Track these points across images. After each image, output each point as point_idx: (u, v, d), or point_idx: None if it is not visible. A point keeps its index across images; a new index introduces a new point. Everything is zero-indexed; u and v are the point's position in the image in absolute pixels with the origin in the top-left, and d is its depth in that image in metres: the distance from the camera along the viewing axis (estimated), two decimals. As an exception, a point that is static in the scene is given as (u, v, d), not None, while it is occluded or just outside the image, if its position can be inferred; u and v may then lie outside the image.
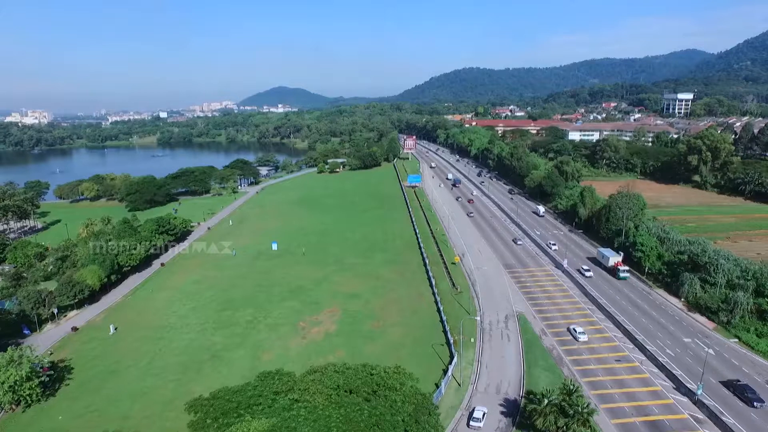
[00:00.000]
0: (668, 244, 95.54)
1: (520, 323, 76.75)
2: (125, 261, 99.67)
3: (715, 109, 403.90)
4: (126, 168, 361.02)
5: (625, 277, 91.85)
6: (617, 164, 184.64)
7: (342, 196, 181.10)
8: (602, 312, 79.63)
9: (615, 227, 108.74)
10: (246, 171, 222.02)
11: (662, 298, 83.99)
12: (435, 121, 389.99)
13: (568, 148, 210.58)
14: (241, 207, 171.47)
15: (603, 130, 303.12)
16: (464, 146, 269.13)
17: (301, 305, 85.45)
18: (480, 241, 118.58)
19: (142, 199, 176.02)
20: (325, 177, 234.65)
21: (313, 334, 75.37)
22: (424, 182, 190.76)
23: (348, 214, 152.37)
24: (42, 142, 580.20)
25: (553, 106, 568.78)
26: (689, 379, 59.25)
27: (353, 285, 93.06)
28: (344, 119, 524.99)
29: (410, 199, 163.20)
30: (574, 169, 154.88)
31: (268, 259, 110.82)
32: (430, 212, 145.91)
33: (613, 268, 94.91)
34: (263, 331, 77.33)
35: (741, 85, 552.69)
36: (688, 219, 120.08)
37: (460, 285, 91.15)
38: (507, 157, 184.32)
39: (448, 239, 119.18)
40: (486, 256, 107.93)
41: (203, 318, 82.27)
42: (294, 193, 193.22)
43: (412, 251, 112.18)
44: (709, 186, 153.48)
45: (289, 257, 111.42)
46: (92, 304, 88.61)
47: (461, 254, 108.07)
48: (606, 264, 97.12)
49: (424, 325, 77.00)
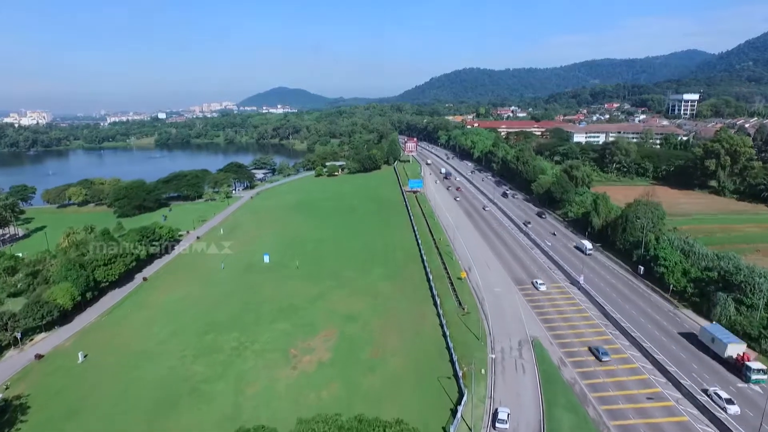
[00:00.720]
0: (693, 258, 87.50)
1: (536, 350, 68.78)
2: (103, 276, 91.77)
3: (721, 110, 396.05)
4: (123, 170, 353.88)
5: (760, 381, 59.16)
6: (628, 168, 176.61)
7: (340, 201, 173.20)
8: (626, 337, 71.63)
9: (633, 239, 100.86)
10: (241, 175, 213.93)
11: (691, 320, 76.03)
12: (436, 123, 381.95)
13: (575, 151, 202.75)
14: (234, 213, 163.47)
15: (609, 132, 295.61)
16: (467, 149, 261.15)
17: (293, 328, 77.50)
18: (487, 253, 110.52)
19: (130, 204, 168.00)
20: (323, 181, 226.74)
21: (304, 364, 67.41)
22: (426, 187, 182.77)
23: (346, 220, 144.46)
24: (38, 143, 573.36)
25: (555, 107, 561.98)
26: (738, 426, 51.16)
27: (350, 304, 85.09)
28: (344, 120, 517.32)
29: (411, 205, 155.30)
30: (584, 174, 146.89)
31: (258, 273, 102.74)
32: (432, 219, 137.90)
33: (735, 363, 62.04)
34: (249, 359, 69.39)
35: (744, 85, 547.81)
36: (708, 229, 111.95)
37: (467, 304, 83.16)
38: (512, 161, 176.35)
39: (453, 250, 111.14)
40: (494, 270, 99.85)
41: (184, 343, 74.31)
42: (290, 197, 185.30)
43: (414, 263, 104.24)
44: (728, 192, 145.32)
45: (281, 271, 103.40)
46: (63, 326, 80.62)
47: (467, 268, 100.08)
48: (720, 353, 63.82)
49: (428, 352, 69.04)
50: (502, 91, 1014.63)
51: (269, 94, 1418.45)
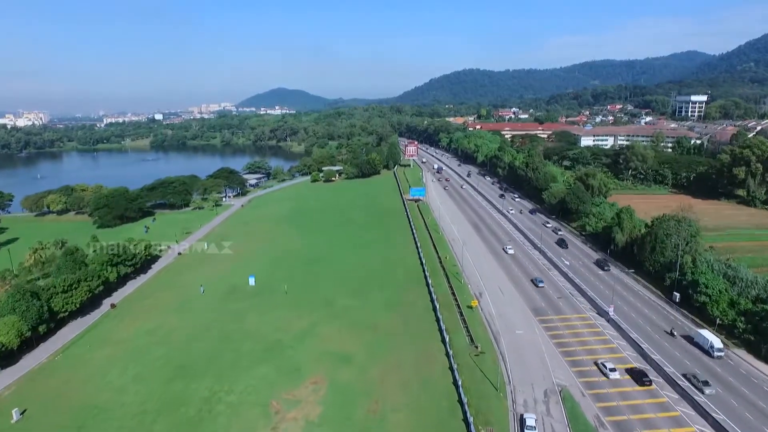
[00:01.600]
0: (740, 285, 75.97)
1: (566, 405, 57.12)
2: (61, 306, 80.00)
3: (730, 111, 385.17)
4: (113, 173, 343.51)
5: None
6: (645, 175, 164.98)
7: (336, 210, 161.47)
8: (674, 388, 59.89)
9: (664, 259, 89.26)
10: (232, 181, 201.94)
11: (747, 364, 64.38)
12: (437, 125, 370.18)
13: (586, 156, 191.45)
14: (223, 224, 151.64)
15: (617, 135, 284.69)
16: (470, 152, 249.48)
17: (277, 373, 65.71)
18: (498, 274, 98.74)
19: (111, 214, 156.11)
20: (319, 187, 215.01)
21: (288, 423, 55.66)
22: (429, 194, 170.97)
23: (342, 234, 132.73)
24: (30, 144, 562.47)
25: (556, 108, 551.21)
26: None
27: (344, 341, 73.34)
28: (342, 122, 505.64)
29: (413, 216, 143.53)
30: (600, 183, 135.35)
31: (242, 299, 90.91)
32: (437, 233, 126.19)
33: None
34: (222, 416, 57.59)
35: (747, 86, 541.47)
36: (747, 247, 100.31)
37: (480, 341, 71.55)
38: (521, 167, 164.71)
39: (461, 271, 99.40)
40: (509, 296, 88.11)
41: (146, 393, 62.49)
42: (283, 206, 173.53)
43: (417, 286, 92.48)
44: (759, 203, 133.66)
45: (267, 296, 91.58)
46: (6, 369, 68.73)
47: (478, 294, 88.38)
48: None
49: (437, 408, 57.35)
50: (502, 92, 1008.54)
51: (268, 95, 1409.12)
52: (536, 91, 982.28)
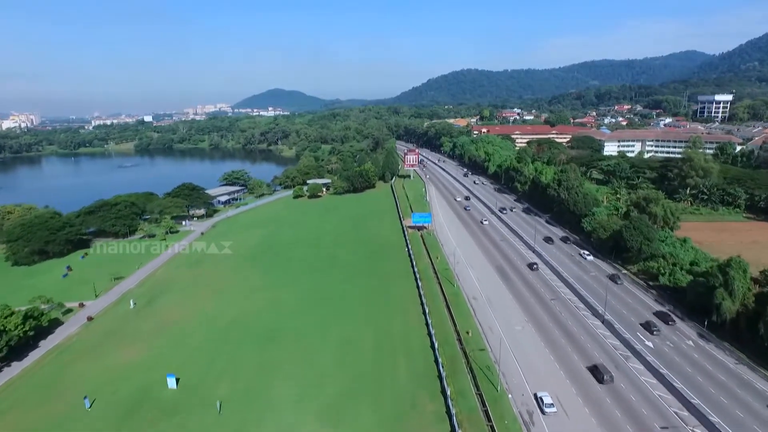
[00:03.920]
0: None
1: None
2: None
3: (760, 111, 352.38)
4: (81, 182, 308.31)
5: None
6: (709, 195, 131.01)
7: (317, 243, 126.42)
8: None
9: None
10: (195, 200, 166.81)
11: None
12: (438, 127, 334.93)
13: (625, 169, 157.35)
14: (166, 265, 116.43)
15: (645, 140, 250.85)
16: (479, 161, 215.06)
17: None
18: (552, 367, 63.99)
19: (28, 248, 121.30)
20: (301, 204, 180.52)
21: None
22: (435, 219, 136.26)
23: (320, 283, 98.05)
24: (6, 149, 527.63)
25: (560, 109, 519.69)
26: None
27: None
28: (337, 124, 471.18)
29: (417, 254, 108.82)
30: (667, 211, 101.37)
31: (149, 423, 56.48)
32: (451, 286, 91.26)
33: None
34: None
35: (755, 86, 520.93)
36: None
37: None
38: (552, 186, 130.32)
39: (494, 362, 64.85)
40: (578, 418, 53.66)
41: None
42: (252, 235, 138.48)
43: (428, 394, 58.40)
44: None
45: (190, 414, 57.17)
46: None
47: (527, 412, 54.12)
48: None
49: None
50: (501, 92, 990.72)
51: (265, 96, 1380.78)
52: (535, 91, 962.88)
